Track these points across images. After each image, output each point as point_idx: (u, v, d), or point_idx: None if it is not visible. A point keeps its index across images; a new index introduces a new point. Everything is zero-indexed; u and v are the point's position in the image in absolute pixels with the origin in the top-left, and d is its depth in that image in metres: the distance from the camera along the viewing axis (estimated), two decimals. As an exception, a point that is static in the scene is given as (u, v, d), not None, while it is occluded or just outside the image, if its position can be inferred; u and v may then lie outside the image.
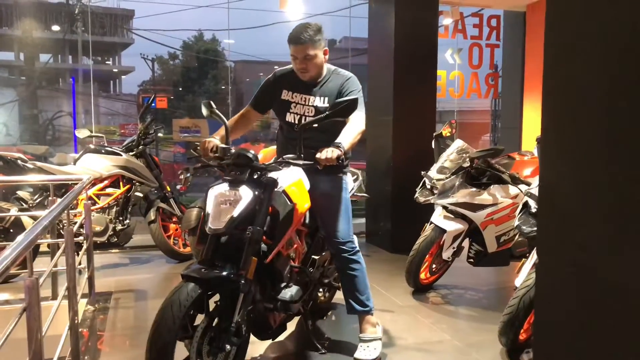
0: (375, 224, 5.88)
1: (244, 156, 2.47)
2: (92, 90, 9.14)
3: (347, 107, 2.51)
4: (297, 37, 2.74)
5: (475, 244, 4.10)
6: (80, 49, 20.88)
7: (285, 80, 2.94)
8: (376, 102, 5.81)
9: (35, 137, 13.52)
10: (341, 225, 2.91)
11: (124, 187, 4.73)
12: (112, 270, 4.78)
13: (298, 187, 2.68)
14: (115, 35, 29.19)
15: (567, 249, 1.59)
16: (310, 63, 2.78)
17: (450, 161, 4.02)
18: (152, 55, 25.15)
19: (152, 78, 26.00)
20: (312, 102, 2.85)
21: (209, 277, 2.26)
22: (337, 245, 2.92)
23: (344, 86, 2.84)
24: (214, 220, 2.35)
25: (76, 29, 19.07)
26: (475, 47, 6.77)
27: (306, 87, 2.87)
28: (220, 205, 2.37)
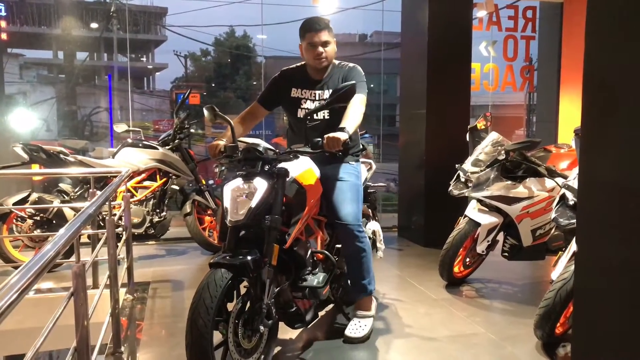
0: (407, 218, 5.87)
1: (253, 150, 2.56)
2: (130, 86, 9.29)
3: (347, 92, 2.62)
4: (315, 24, 2.87)
5: (509, 238, 4.06)
6: (116, 46, 21.30)
7: (293, 78, 3.05)
8: (409, 96, 5.79)
9: (73, 132, 13.91)
10: (350, 209, 2.95)
11: (161, 180, 4.82)
12: (149, 261, 4.89)
13: (309, 175, 2.80)
14: (148, 32, 29.69)
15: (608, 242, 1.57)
16: (328, 49, 2.90)
17: (485, 154, 3.99)
18: (185, 52, 25.53)
19: (184, 74, 26.41)
20: (322, 96, 2.97)
21: (236, 263, 2.35)
22: (345, 229, 2.96)
23: (348, 75, 2.96)
24: (233, 213, 2.45)
25: (112, 27, 19.45)
26: (510, 39, 6.67)
27: (314, 82, 3.00)
28: (238, 199, 2.47)
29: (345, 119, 2.75)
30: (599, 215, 1.59)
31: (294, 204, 2.68)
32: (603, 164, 1.57)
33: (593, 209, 1.62)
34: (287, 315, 2.74)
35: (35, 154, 4.42)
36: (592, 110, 1.59)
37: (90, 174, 4.04)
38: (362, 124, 2.91)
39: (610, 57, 1.54)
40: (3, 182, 5.32)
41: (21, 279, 1.27)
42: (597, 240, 1.62)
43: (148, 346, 3.04)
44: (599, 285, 1.61)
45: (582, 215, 1.67)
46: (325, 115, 2.97)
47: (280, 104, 3.14)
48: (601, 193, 1.58)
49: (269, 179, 2.52)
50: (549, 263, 4.28)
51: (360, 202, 3.07)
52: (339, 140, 2.56)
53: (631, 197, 1.45)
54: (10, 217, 4.35)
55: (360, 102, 2.85)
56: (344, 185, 2.98)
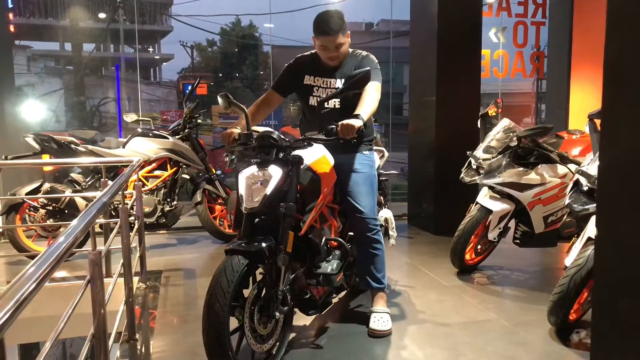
0: (417, 206, 5.86)
1: (268, 137, 2.56)
2: (139, 77, 9.30)
3: (361, 79, 2.61)
4: (327, 28, 2.83)
5: (521, 225, 4.04)
6: (123, 37, 21.29)
7: (306, 65, 3.04)
8: (419, 83, 5.76)
9: (82, 123, 13.93)
10: (366, 201, 2.97)
11: (171, 170, 4.84)
12: (161, 250, 4.92)
13: (323, 162, 2.80)
14: (154, 23, 29.63)
15: (627, 227, 1.56)
16: (340, 50, 2.90)
17: (497, 140, 3.96)
18: (191, 43, 25.48)
19: (191, 65, 26.38)
20: (334, 84, 2.96)
21: (252, 250, 2.36)
22: (361, 222, 2.98)
23: (362, 64, 2.94)
24: (247, 200, 2.46)
25: (119, 18, 19.43)
26: (520, 25, 6.62)
27: (327, 70, 2.99)
28: (252, 186, 2.48)
29: (360, 106, 2.73)
30: (619, 199, 1.58)
31: (309, 191, 2.68)
32: (624, 147, 1.55)
33: (613, 192, 1.61)
34: (301, 301, 2.76)
35: (46, 144, 4.44)
36: (612, 94, 1.58)
37: (102, 164, 4.06)
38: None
39: (630, 41, 1.52)
40: (15, 173, 5.35)
41: (38, 269, 1.28)
42: (616, 226, 1.62)
43: (162, 334, 3.06)
44: (620, 269, 1.61)
45: (603, 199, 1.66)
46: (336, 104, 2.96)
47: (293, 91, 3.14)
48: (621, 178, 1.57)
49: (283, 167, 2.52)
50: (561, 250, 4.27)
51: (375, 193, 3.07)
52: (353, 127, 2.55)
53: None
54: (23, 207, 4.38)
55: (375, 90, 2.83)
56: (359, 177, 2.98)
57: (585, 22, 6.06)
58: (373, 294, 3.13)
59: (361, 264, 3.10)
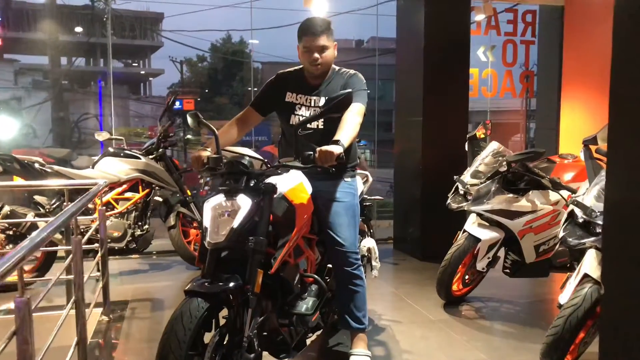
0: (403, 230, 5.63)
1: (237, 163, 2.32)
2: (112, 92, 9.06)
3: (342, 102, 2.36)
4: (312, 27, 2.64)
5: (511, 254, 3.82)
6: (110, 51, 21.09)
7: (288, 81, 2.82)
8: (405, 102, 5.57)
9: (60, 139, 13.54)
10: (346, 233, 2.73)
11: (143, 192, 4.58)
12: (131, 277, 4.63)
13: (299, 191, 2.56)
14: (145, 38, 29.51)
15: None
16: (325, 55, 2.67)
17: (485, 165, 3.75)
18: (181, 58, 25.36)
19: (181, 80, 26.24)
20: (317, 102, 2.74)
21: (215, 291, 2.10)
22: (340, 256, 2.74)
23: (348, 83, 2.71)
24: (213, 233, 2.20)
25: (105, 32, 19.25)
26: (509, 43, 6.44)
27: (310, 88, 2.77)
28: (219, 218, 2.22)
29: (340, 131, 2.50)
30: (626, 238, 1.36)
31: (282, 223, 2.43)
32: (632, 184, 1.34)
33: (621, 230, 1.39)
34: (271, 344, 2.49)
35: (8, 164, 4.16)
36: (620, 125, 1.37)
37: (65, 187, 3.79)
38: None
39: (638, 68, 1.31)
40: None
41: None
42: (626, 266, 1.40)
43: (119, 376, 2.78)
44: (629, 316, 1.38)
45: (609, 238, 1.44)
46: (319, 125, 2.73)
47: (274, 109, 2.89)
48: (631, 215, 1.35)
49: (254, 196, 2.27)
50: (553, 280, 4.05)
51: (357, 225, 2.84)
52: (332, 154, 2.31)
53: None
54: (-20, 231, 4.10)
55: (357, 113, 2.60)
56: (339, 207, 2.74)
57: (576, 41, 5.90)
58: (352, 335, 2.86)
59: (340, 301, 2.85)
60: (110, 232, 4.40)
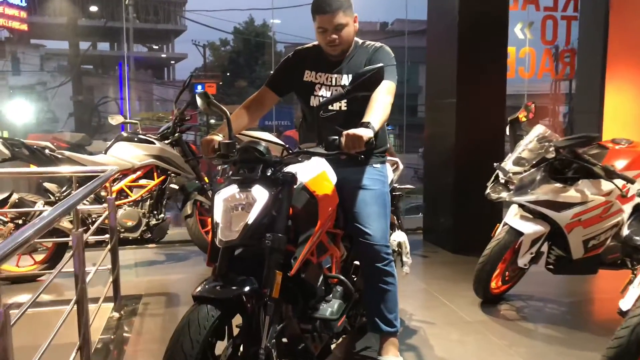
0: (434, 220, 5.30)
1: (252, 150, 2.02)
2: (128, 75, 8.82)
3: (372, 79, 2.04)
4: (325, 4, 2.32)
5: (556, 248, 3.47)
6: (132, 36, 21.00)
7: (307, 59, 2.52)
8: (437, 84, 5.20)
9: (80, 124, 13.36)
10: (376, 226, 2.43)
11: (159, 179, 4.33)
12: (145, 268, 4.41)
13: (322, 181, 2.27)
14: (168, 22, 29.44)
15: None
16: (343, 34, 2.37)
17: (529, 151, 3.38)
18: (204, 42, 25.20)
19: (204, 64, 26.11)
20: (340, 81, 2.44)
21: (227, 297, 1.84)
22: (369, 251, 2.44)
23: (373, 58, 2.40)
24: (225, 230, 1.91)
25: (128, 16, 19.14)
26: (548, 19, 6.00)
27: (331, 65, 2.47)
28: (231, 212, 1.94)
29: (370, 112, 2.19)
30: None
31: (303, 217, 2.14)
32: None
33: None
34: (292, 352, 2.21)
35: (16, 149, 3.95)
36: None
37: (73, 174, 3.56)
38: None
39: None
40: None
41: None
42: None
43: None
44: None
45: None
46: (342, 106, 2.42)
47: (291, 89, 2.60)
48: None
49: (271, 187, 1.98)
50: (602, 277, 3.68)
51: (388, 215, 2.54)
52: (361, 138, 2.01)
53: None
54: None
55: (388, 91, 2.29)
56: (367, 196, 2.44)
57: (624, 16, 5.44)
58: (382, 339, 2.57)
59: (369, 301, 2.56)
60: (123, 222, 4.18)
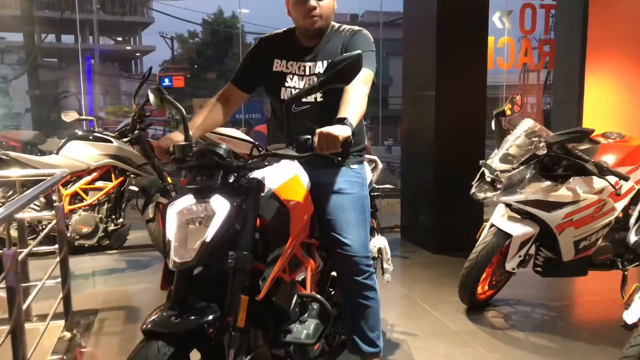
0: (412, 218, 5.06)
1: (211, 153, 1.72)
2: (81, 69, 8.34)
3: (349, 68, 1.73)
4: None
5: (544, 249, 3.26)
6: (96, 28, 20.28)
7: (275, 46, 2.22)
8: (414, 75, 4.95)
9: (37, 120, 12.60)
10: (354, 235, 2.16)
11: (117, 180, 3.99)
12: (103, 278, 4.06)
13: (294, 186, 1.99)
14: (135, 14, 28.60)
15: None
16: (323, 4, 2.08)
17: (517, 147, 3.15)
18: (172, 34, 24.54)
19: (172, 57, 25.42)
20: (314, 69, 2.15)
21: (184, 330, 1.55)
22: (348, 263, 2.17)
23: (351, 42, 2.12)
24: (179, 249, 1.61)
25: (91, 8, 18.45)
26: (527, 7, 5.80)
27: (304, 51, 2.18)
28: (187, 227, 1.63)
29: (345, 105, 1.91)
30: None
31: (273, 229, 1.85)
32: None
33: None
34: None
35: (-45, 150, 3.56)
36: None
37: (17, 178, 3.19)
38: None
39: None
40: None
41: None
42: None
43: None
44: None
45: None
46: (317, 97, 2.13)
47: (260, 83, 2.28)
48: None
49: (233, 196, 1.69)
50: (593, 278, 3.48)
51: (368, 221, 2.26)
52: (337, 138, 1.72)
53: None
54: None
55: (364, 80, 2.00)
56: (345, 201, 2.16)
57: (604, 4, 5.27)
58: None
59: (349, 319, 2.28)
60: (78, 228, 3.83)
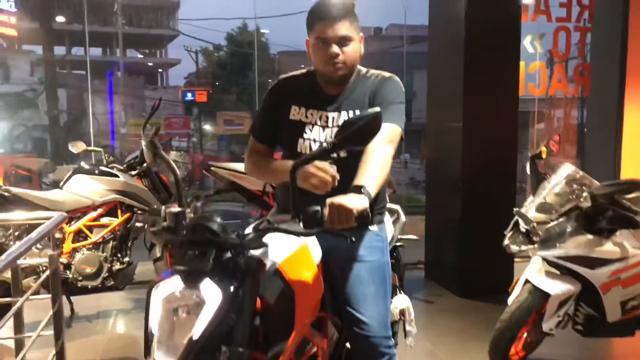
0: (437, 254, 4.75)
1: (203, 228, 1.47)
2: (89, 87, 8.18)
3: (366, 128, 1.48)
4: (328, 9, 1.77)
5: (584, 306, 2.92)
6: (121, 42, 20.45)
7: (294, 90, 1.94)
8: (440, 104, 4.66)
9: (55, 143, 12.33)
10: (373, 311, 1.89)
11: (123, 217, 3.77)
12: (107, 320, 3.84)
13: (302, 261, 1.74)
14: (161, 27, 28.92)
15: None
16: (347, 49, 1.80)
17: (556, 195, 2.83)
18: (197, 47, 24.73)
19: (196, 70, 25.60)
20: (337, 120, 1.87)
21: None
22: (365, 344, 1.89)
23: (378, 91, 1.87)
24: (163, 344, 1.39)
25: (116, 22, 18.61)
26: (561, 31, 5.48)
27: (326, 99, 1.91)
28: (173, 317, 1.41)
29: (364, 170, 1.64)
30: None
31: (276, 313, 1.59)
32: None
33: None
34: None
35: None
36: None
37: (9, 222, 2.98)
38: None
39: None
40: None
41: None
42: None
43: None
44: None
45: None
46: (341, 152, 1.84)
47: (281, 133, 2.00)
48: None
49: (227, 282, 1.44)
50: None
51: (388, 294, 1.98)
52: (350, 212, 1.47)
53: None
54: None
55: (389, 139, 1.74)
56: (362, 270, 1.89)
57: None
58: None
59: None
60: (81, 268, 3.62)
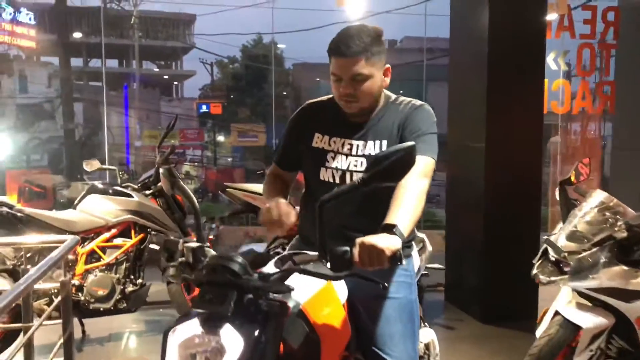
0: (458, 277, 4.61)
1: (223, 269, 1.39)
2: (105, 99, 8.12)
3: (399, 163, 1.37)
4: (344, 43, 1.69)
5: (617, 339, 2.77)
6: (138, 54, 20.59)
7: (318, 117, 1.88)
8: (462, 123, 4.55)
9: (70, 157, 12.09)
10: (400, 350, 1.80)
11: (137, 237, 3.70)
12: (118, 344, 3.75)
13: (327, 302, 1.65)
14: (176, 39, 29.16)
15: None
16: (362, 87, 1.71)
17: (588, 224, 2.69)
18: (212, 59, 24.87)
19: (211, 82, 25.74)
20: (363, 150, 1.78)
21: None
22: None
23: (408, 120, 1.77)
24: None
25: (133, 35, 18.78)
26: (585, 48, 5.35)
27: (352, 127, 1.83)
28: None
29: (396, 208, 1.55)
30: None
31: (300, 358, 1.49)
32: None
33: None
34: None
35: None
36: None
37: (21, 245, 2.91)
38: None
39: None
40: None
41: None
42: None
43: None
44: None
45: None
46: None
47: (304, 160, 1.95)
48: None
49: (249, 327, 1.35)
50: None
51: (417, 332, 1.90)
52: (382, 253, 1.38)
53: None
54: None
55: (424, 173, 1.66)
56: (389, 308, 1.80)
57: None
58: None
59: None
60: (93, 290, 3.55)
